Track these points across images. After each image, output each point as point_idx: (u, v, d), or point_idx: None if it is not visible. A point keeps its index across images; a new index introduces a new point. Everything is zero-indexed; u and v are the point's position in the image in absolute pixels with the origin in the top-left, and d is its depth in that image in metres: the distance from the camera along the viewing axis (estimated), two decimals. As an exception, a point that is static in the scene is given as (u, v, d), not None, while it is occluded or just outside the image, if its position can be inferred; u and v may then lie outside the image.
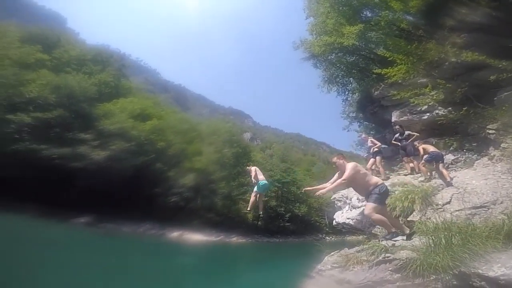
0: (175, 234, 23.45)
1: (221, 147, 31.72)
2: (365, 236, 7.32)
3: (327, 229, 36.63)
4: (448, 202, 5.11)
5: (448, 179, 5.78)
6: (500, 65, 5.69)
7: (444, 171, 6.04)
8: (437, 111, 8.30)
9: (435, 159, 6.47)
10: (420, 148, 7.22)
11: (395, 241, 4.56)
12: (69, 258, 8.73)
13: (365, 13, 13.27)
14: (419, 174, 7.27)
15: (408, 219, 5.54)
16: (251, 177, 8.11)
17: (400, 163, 9.39)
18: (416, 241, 4.27)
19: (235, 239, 28.15)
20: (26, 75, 20.91)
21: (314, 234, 36.99)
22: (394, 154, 10.09)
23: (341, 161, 4.81)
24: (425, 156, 6.81)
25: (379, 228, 6.67)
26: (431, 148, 6.93)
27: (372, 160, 8.69)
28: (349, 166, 4.60)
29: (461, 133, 7.66)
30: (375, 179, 4.71)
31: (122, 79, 31.73)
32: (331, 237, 35.66)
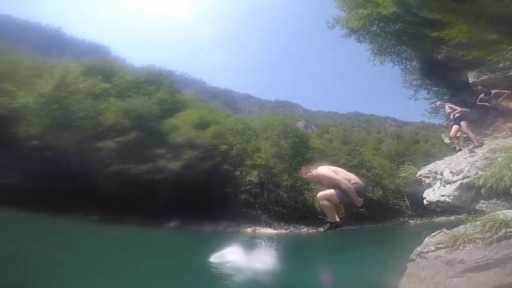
0: (249, 230, 24.69)
1: (277, 140, 32.07)
2: (463, 215, 6.57)
3: (409, 212, 33.50)
4: None
5: None
6: None
7: None
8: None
9: None
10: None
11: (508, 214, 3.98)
12: (168, 260, 9.86)
13: None
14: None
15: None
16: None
17: (493, 125, 8.17)
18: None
19: (305, 230, 28.02)
20: (98, 105, 23.86)
21: (394, 218, 34.26)
22: (481, 117, 8.91)
23: (312, 173, 4.10)
24: None
25: (484, 203, 5.92)
26: None
27: (455, 127, 7.74)
28: (329, 170, 3.95)
29: None
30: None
31: (176, 94, 34.18)
32: (415, 220, 32.58)
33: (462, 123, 7.57)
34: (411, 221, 32.71)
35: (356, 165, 34.52)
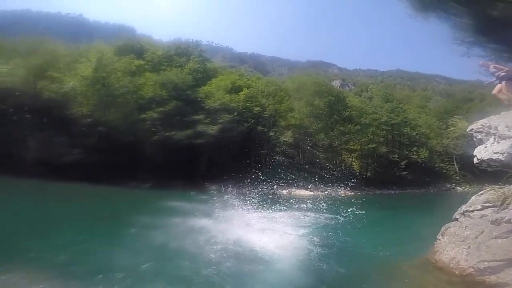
0: (284, 192, 25.33)
1: (311, 99, 31.00)
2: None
3: (457, 178, 30.47)
4: None
5: None
6: None
7: None
8: None
9: None
10: None
11: None
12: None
13: None
14: None
15: None
16: None
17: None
18: None
19: (343, 193, 27.59)
20: (136, 80, 25.45)
21: (440, 184, 31.89)
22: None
23: None
24: None
25: (545, 164, 5.26)
26: None
27: (498, 85, 7.19)
28: None
29: None
30: None
31: (206, 63, 35.22)
32: (463, 187, 29.94)
33: (505, 82, 7.03)
34: (458, 187, 29.77)
35: (399, 123, 31.98)
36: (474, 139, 7.24)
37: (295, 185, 26.21)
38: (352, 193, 27.59)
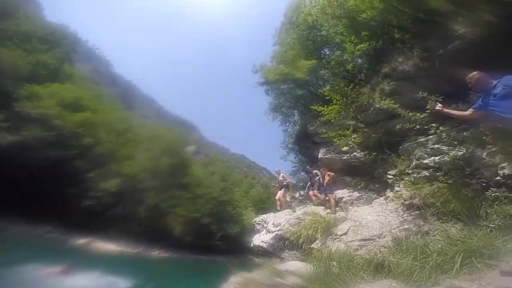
0: (81, 241, 20.49)
1: (159, 155, 29.77)
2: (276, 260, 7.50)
3: (256, 251, 36.53)
4: (345, 233, 5.56)
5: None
6: (406, 116, 6.09)
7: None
8: (355, 153, 9.20)
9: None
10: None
11: (291, 265, 4.71)
12: None
13: (324, 50, 14.35)
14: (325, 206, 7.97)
15: (311, 246, 5.82)
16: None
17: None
18: (309, 267, 4.46)
19: (157, 253, 25.99)
20: None
21: (244, 254, 36.36)
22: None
23: None
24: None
25: (288, 253, 6.88)
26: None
27: (280, 192, 9.54)
28: None
29: (369, 175, 8.62)
30: None
31: (66, 64, 29.61)
32: (260, 258, 35.30)
33: (283, 190, 9.44)
34: (256, 259, 35.20)
35: (226, 201, 35.87)
36: (255, 228, 8.78)
37: (101, 236, 21.85)
38: (167, 254, 26.33)
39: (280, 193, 9.35)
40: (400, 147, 7.55)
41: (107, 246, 21.54)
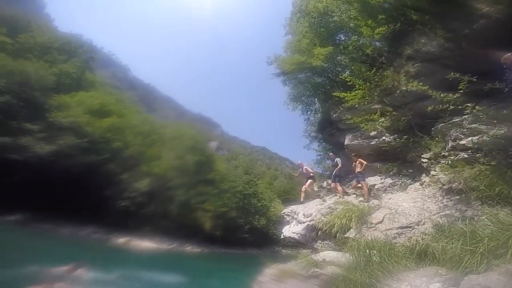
0: (121, 240, 21.86)
1: (184, 153, 30.70)
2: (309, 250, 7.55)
3: (283, 242, 36.90)
4: (381, 222, 5.45)
5: None
6: (437, 97, 6.04)
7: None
8: (384, 138, 8.88)
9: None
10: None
11: (327, 255, 4.73)
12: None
13: (339, 36, 13.74)
14: (357, 194, 7.80)
15: (345, 235, 5.78)
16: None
17: (348, 184, 9.85)
18: (346, 257, 4.45)
19: (190, 248, 27.12)
20: None
21: (271, 246, 36.93)
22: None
23: None
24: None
25: (320, 243, 6.89)
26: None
27: (309, 181, 9.45)
28: None
29: (401, 159, 8.32)
30: None
31: (87, 71, 30.47)
32: (287, 250, 35.69)
33: (309, 181, 9.35)
34: (283, 250, 35.65)
35: (250, 194, 36.64)
36: (284, 220, 8.85)
37: (138, 235, 23.20)
38: (199, 249, 27.47)
39: (306, 184, 9.28)
40: (433, 129, 7.21)
41: (144, 244, 22.76)
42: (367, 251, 3.68)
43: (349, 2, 10.13)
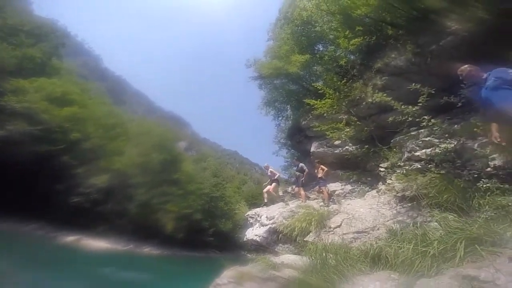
0: (70, 238, 20.10)
1: (149, 151, 29.33)
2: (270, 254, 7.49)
3: (248, 246, 36.75)
4: (339, 226, 5.57)
5: None
6: (399, 108, 6.31)
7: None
8: (347, 147, 9.26)
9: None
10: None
11: (286, 258, 4.68)
12: None
13: (318, 46, 14.26)
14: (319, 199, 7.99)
15: (305, 239, 5.81)
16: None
17: (311, 189, 10.07)
18: (304, 260, 4.44)
19: (148, 250, 25.77)
20: None
21: (236, 250, 36.58)
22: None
23: None
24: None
25: (281, 246, 6.86)
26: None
27: (270, 186, 9.66)
28: None
29: (361, 168, 8.68)
30: None
31: (54, 58, 28.82)
32: (252, 254, 35.51)
33: (273, 184, 9.61)
34: (248, 254, 35.52)
35: (217, 197, 36.21)
36: (248, 222, 8.73)
37: (90, 234, 21.49)
38: (158, 251, 26.15)
39: (269, 187, 9.34)
40: (392, 140, 7.62)
41: (97, 243, 21.18)
42: (324, 254, 3.68)
43: (333, 13, 10.45)
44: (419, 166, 6.00)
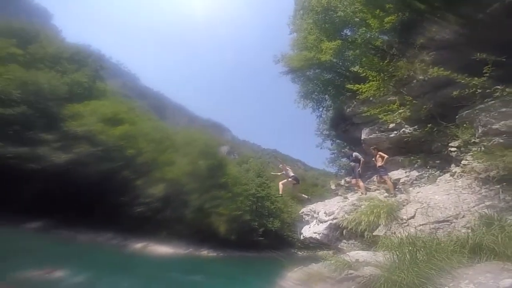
0: (138, 245, 22.00)
1: (196, 158, 30.79)
2: (331, 251, 7.15)
3: (299, 244, 36.24)
4: (413, 217, 5.05)
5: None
6: (463, 81, 5.87)
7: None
8: (403, 129, 8.47)
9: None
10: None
11: (359, 255, 4.35)
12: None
13: (345, 31, 13.44)
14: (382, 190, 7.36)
15: (374, 233, 5.39)
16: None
17: (368, 180, 9.40)
18: (381, 256, 4.08)
19: (206, 253, 27.05)
20: None
21: (286, 249, 36.39)
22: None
23: None
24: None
25: (345, 243, 6.49)
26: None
27: (285, 181, 9.28)
28: None
29: (425, 151, 7.84)
30: None
31: (98, 81, 30.88)
32: (303, 252, 35.14)
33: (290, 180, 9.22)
34: (299, 252, 35.12)
35: (263, 197, 36.27)
36: (303, 220, 8.47)
37: (155, 240, 23.33)
38: (215, 254, 27.37)
39: (286, 182, 9.05)
40: (457, 116, 6.78)
41: (161, 249, 22.80)
42: (410, 248, 3.31)
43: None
44: (502, 141, 5.20)
